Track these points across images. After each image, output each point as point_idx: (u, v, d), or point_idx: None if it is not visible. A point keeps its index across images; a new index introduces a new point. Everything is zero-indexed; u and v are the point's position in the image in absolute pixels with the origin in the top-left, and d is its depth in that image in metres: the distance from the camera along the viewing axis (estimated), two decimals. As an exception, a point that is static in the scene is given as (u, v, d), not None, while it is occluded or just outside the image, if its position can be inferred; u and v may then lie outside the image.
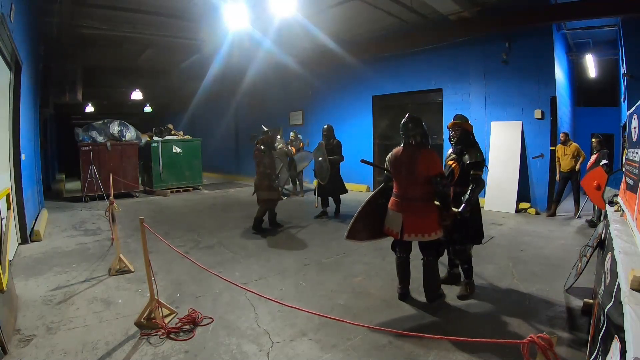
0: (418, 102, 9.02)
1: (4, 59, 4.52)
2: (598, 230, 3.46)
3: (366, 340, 2.66)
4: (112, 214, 4.22)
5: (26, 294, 3.48)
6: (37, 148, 7.69)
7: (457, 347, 2.53)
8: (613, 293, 1.71)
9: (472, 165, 3.28)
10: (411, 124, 3.20)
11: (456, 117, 3.52)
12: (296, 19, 7.19)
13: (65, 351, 2.54)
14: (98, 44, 9.56)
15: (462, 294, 3.39)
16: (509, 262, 4.30)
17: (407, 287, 3.37)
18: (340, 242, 5.09)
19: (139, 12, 7.66)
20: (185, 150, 10.72)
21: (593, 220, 6.05)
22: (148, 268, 2.86)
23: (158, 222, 6.72)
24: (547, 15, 6.75)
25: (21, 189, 5.06)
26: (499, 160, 7.33)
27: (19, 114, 5.05)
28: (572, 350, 2.51)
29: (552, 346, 1.27)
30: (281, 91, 12.39)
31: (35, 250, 4.97)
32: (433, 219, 3.12)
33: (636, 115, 2.57)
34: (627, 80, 7.34)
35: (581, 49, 9.93)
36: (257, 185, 5.79)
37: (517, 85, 7.23)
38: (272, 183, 5.75)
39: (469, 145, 3.38)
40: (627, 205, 2.52)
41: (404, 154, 3.22)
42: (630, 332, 1.24)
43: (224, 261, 4.53)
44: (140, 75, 13.17)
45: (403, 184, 3.20)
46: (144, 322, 2.89)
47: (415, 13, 7.75)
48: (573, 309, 3.11)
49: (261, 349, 2.58)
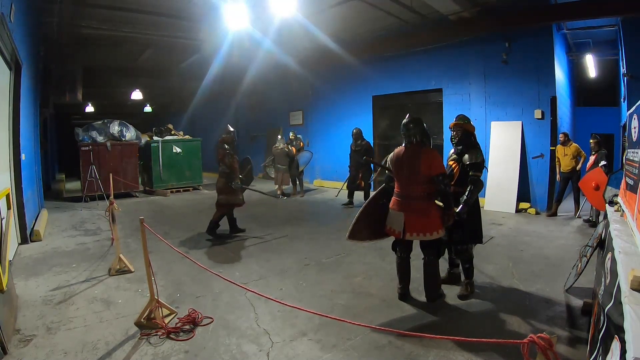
0: (418, 102, 9.01)
1: (4, 59, 4.52)
2: (598, 230, 3.46)
3: (366, 340, 2.66)
4: (112, 214, 4.22)
5: (26, 294, 3.48)
6: (37, 148, 7.69)
7: (457, 346, 2.53)
8: (613, 293, 1.71)
9: (471, 166, 3.30)
10: (412, 124, 3.22)
11: (458, 118, 3.53)
12: (296, 19, 7.19)
13: (65, 351, 2.54)
14: (98, 44, 9.55)
15: (463, 293, 3.39)
16: (509, 262, 4.30)
17: (407, 287, 3.37)
18: (340, 242, 5.10)
19: (139, 12, 7.66)
20: (185, 150, 10.72)
21: (592, 220, 6.05)
22: (148, 268, 2.86)
23: (158, 222, 6.72)
24: (547, 15, 6.75)
25: (21, 189, 5.06)
26: (499, 160, 7.32)
27: (19, 114, 5.05)
28: (572, 350, 2.51)
29: (552, 346, 1.27)
30: (281, 91, 12.39)
31: (35, 250, 4.97)
32: (435, 218, 3.13)
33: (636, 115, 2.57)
34: (627, 80, 7.34)
35: (581, 49, 9.93)
36: (220, 189, 5.45)
37: (517, 85, 7.23)
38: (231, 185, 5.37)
39: (469, 146, 3.39)
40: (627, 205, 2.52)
41: (405, 153, 3.23)
42: (630, 332, 1.24)
43: (224, 261, 4.54)
44: (140, 75, 13.16)
45: (405, 183, 3.21)
46: (144, 322, 2.89)
47: (415, 13, 7.75)
48: (573, 309, 3.11)
49: (261, 349, 2.58)
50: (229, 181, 5.37)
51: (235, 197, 5.49)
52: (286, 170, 9.25)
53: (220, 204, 5.50)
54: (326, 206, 8.19)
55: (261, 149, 13.37)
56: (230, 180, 5.36)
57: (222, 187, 5.43)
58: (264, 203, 8.36)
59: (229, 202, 5.47)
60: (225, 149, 5.46)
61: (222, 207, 5.51)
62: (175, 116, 17.56)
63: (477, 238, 3.46)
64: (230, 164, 5.39)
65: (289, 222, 6.52)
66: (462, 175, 3.38)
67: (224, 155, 5.39)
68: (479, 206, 3.52)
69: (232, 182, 5.36)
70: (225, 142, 5.52)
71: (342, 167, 10.18)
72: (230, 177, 5.37)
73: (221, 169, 5.42)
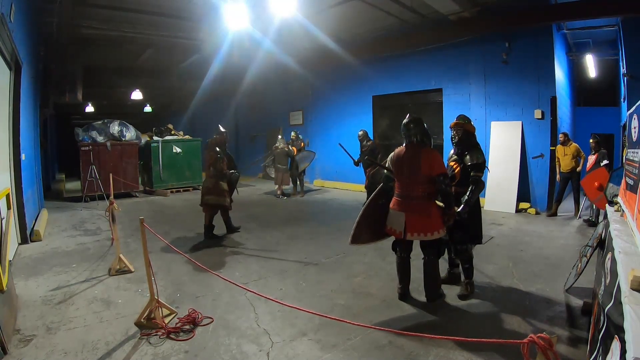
0: (418, 102, 9.01)
1: (4, 59, 4.52)
2: (598, 230, 3.46)
3: (366, 340, 2.66)
4: (112, 214, 4.22)
5: (26, 294, 3.48)
6: (37, 148, 7.69)
7: (457, 346, 2.53)
8: (613, 293, 1.71)
9: (472, 167, 3.30)
10: (412, 124, 3.23)
11: (458, 118, 3.53)
12: (296, 19, 7.19)
13: (65, 351, 2.54)
14: (98, 44, 9.55)
15: (463, 293, 3.39)
16: (509, 262, 4.30)
17: (407, 287, 3.37)
18: (340, 242, 5.10)
19: (139, 12, 7.66)
20: (185, 150, 10.73)
21: (592, 220, 6.06)
22: (148, 268, 2.86)
23: (158, 222, 6.72)
24: (547, 15, 6.75)
25: (21, 189, 5.06)
26: (499, 160, 7.32)
27: (19, 114, 5.05)
28: (572, 350, 2.51)
29: (552, 346, 1.27)
30: (281, 91, 12.39)
31: (35, 250, 4.96)
32: (436, 217, 3.13)
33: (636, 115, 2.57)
34: (627, 80, 7.35)
35: (581, 49, 9.92)
36: (208, 189, 5.33)
37: (517, 85, 7.23)
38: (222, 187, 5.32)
39: (470, 146, 3.39)
40: (627, 205, 2.53)
41: (406, 153, 3.23)
42: (630, 332, 1.24)
43: (224, 261, 4.53)
44: (140, 75, 13.16)
45: (405, 183, 3.21)
46: (144, 322, 2.89)
47: (415, 13, 7.75)
48: (573, 309, 3.11)
49: (261, 349, 2.58)
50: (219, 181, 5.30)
51: (225, 199, 5.40)
52: (286, 170, 9.25)
53: (208, 204, 5.38)
54: (326, 206, 8.19)
55: (261, 149, 13.38)
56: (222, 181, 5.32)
57: (211, 188, 5.34)
58: (264, 203, 8.36)
59: (219, 203, 5.38)
60: (217, 152, 5.36)
61: (210, 207, 5.42)
62: (175, 116, 17.56)
63: (476, 239, 3.46)
64: (221, 169, 5.34)
65: (289, 222, 6.52)
66: (463, 176, 3.38)
67: (215, 160, 5.31)
68: (480, 206, 3.53)
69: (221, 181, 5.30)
70: (216, 144, 5.43)
71: (342, 167, 10.20)
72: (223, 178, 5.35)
73: (212, 172, 5.35)
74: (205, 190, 5.40)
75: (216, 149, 5.39)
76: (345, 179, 10.50)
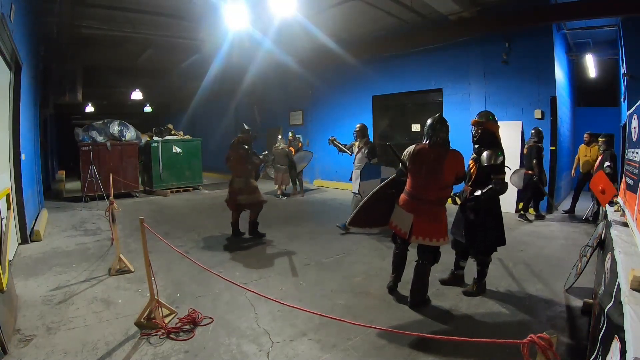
0: (418, 102, 9.00)
1: (4, 59, 4.51)
2: (598, 230, 3.46)
3: (366, 340, 2.66)
4: (112, 214, 4.22)
5: (26, 294, 3.48)
6: (37, 148, 7.69)
7: (457, 346, 2.53)
8: (613, 293, 1.72)
9: (491, 169, 3.17)
10: (439, 124, 3.15)
11: (479, 115, 3.36)
12: (296, 19, 7.19)
13: (65, 351, 2.54)
14: (98, 44, 9.55)
15: (469, 290, 3.40)
16: (509, 262, 4.30)
17: (399, 279, 3.40)
18: (340, 242, 5.10)
19: (139, 12, 7.66)
20: (185, 150, 10.72)
21: (590, 220, 6.07)
22: (148, 268, 2.86)
23: (158, 222, 6.72)
24: (547, 15, 6.75)
25: (21, 189, 5.06)
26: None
27: (19, 114, 5.05)
28: (572, 350, 2.51)
29: (552, 346, 1.26)
30: (281, 91, 12.39)
31: (35, 250, 4.96)
32: (443, 224, 3.12)
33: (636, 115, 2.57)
34: (627, 80, 7.34)
35: (581, 49, 9.91)
36: (240, 190, 5.26)
37: (517, 85, 7.22)
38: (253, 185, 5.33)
39: (488, 146, 3.24)
40: (627, 205, 2.53)
41: (429, 152, 3.12)
42: (630, 332, 1.24)
43: (224, 261, 4.53)
44: (140, 75, 13.17)
45: (420, 184, 3.13)
46: (144, 322, 2.89)
47: (415, 13, 7.75)
48: (573, 309, 3.11)
49: (261, 349, 2.58)
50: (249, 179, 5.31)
51: (259, 195, 5.36)
52: (286, 171, 9.26)
53: (241, 205, 5.34)
54: (326, 206, 8.19)
55: (261, 149, 13.34)
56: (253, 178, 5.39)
57: (243, 188, 5.28)
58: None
59: (253, 201, 5.31)
60: (246, 149, 5.32)
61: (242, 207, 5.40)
62: (175, 116, 17.57)
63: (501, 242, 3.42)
64: (256, 163, 5.41)
65: (289, 222, 6.52)
66: (479, 176, 3.28)
67: (248, 156, 5.27)
68: (501, 211, 3.43)
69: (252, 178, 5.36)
70: (243, 142, 5.40)
71: (342, 167, 10.19)
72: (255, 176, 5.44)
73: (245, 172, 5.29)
74: (236, 191, 5.30)
75: (244, 146, 5.36)
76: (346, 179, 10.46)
